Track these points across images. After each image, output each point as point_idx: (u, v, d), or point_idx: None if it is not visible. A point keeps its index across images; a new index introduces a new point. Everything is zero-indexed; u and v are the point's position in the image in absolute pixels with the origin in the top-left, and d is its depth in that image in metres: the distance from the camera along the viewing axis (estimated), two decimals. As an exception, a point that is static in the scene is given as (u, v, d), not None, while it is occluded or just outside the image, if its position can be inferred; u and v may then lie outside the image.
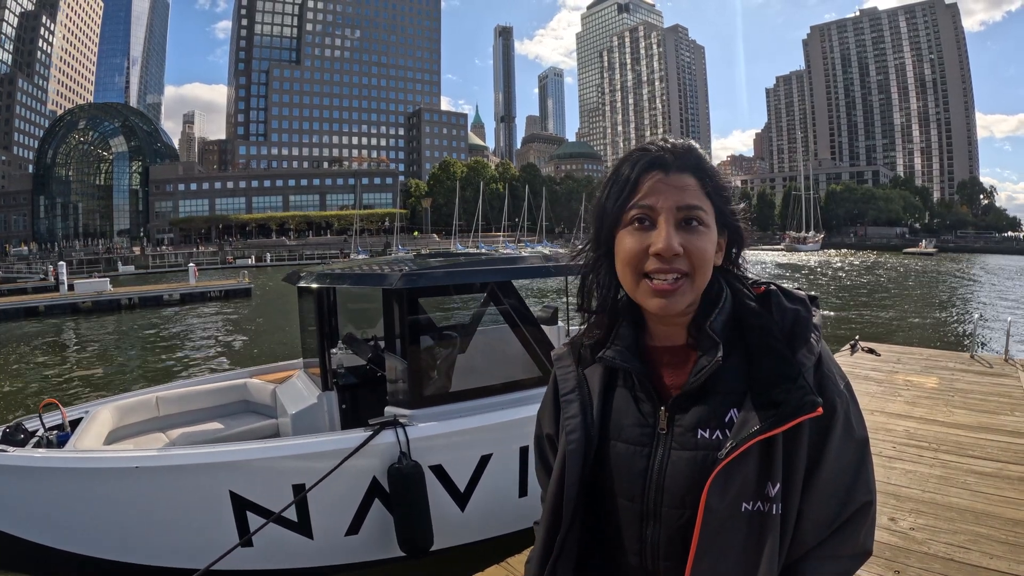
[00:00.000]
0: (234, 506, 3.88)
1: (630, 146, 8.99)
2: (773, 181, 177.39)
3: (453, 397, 4.57)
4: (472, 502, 4.39)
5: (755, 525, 0.99)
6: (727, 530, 0.98)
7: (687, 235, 1.02)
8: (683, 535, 1.02)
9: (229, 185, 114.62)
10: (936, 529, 3.84)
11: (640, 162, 1.07)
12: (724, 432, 1.02)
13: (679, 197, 1.03)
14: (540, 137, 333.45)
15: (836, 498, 1.05)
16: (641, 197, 1.04)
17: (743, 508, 0.98)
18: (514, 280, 4.86)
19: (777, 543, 0.99)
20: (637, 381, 1.11)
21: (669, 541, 1.04)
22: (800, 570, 1.04)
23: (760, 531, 0.99)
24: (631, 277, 1.05)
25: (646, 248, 1.02)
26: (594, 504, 1.14)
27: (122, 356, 17.13)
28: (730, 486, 0.98)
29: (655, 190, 1.04)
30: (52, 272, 37.44)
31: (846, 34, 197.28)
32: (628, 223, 1.06)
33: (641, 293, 1.05)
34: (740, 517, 0.98)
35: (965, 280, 44.08)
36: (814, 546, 1.05)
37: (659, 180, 1.04)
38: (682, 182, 1.04)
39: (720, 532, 0.98)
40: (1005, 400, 6.81)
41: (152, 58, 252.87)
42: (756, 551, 0.99)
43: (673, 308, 1.04)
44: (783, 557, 1.02)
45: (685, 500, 1.02)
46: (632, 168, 1.07)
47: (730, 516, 0.98)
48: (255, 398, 6.03)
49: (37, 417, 4.73)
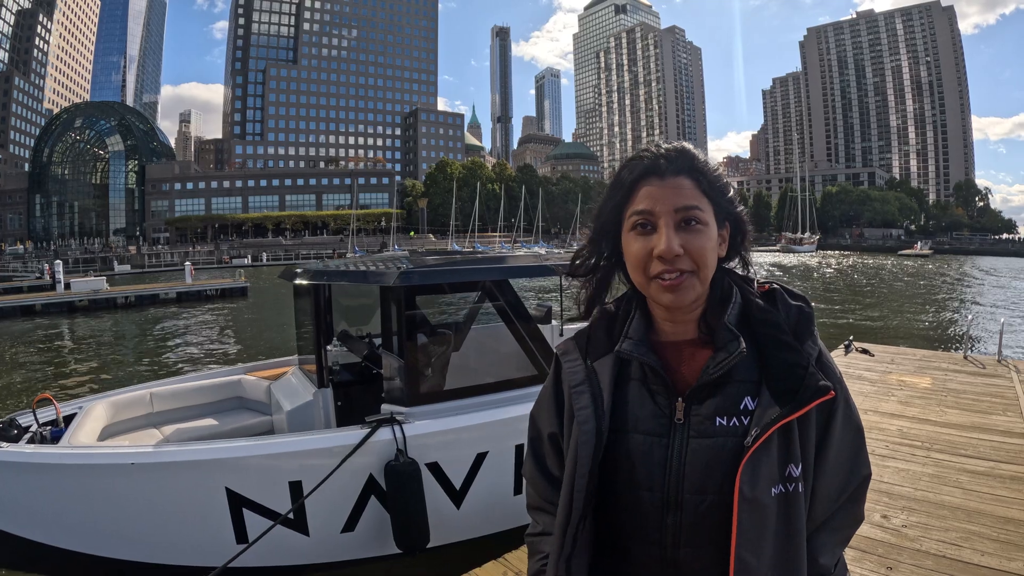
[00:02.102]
0: (230, 503, 3.87)
1: (627, 147, 8.90)
2: (769, 183, 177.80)
3: (450, 395, 4.57)
4: (468, 499, 4.40)
5: (783, 507, 1.05)
6: (762, 516, 1.03)
7: (687, 235, 1.07)
8: (705, 521, 1.07)
9: (225, 184, 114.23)
10: (928, 527, 3.87)
11: (636, 170, 1.12)
12: (740, 419, 1.07)
13: (675, 200, 1.08)
14: (536, 138, 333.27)
15: (842, 475, 1.14)
16: (639, 203, 1.10)
17: (773, 492, 1.04)
18: (511, 279, 4.87)
19: (804, 521, 1.07)
20: (652, 373, 1.14)
21: (691, 527, 1.08)
22: (810, 543, 1.11)
23: (788, 512, 1.05)
24: (641, 278, 1.11)
25: (650, 251, 1.08)
26: (609, 498, 1.16)
27: (118, 354, 17.11)
28: (759, 472, 1.03)
29: (651, 196, 1.09)
30: (48, 271, 37.33)
31: (843, 36, 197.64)
32: (630, 228, 1.12)
33: (652, 291, 1.11)
34: (772, 502, 1.03)
35: (959, 282, 44.24)
36: (823, 520, 1.15)
37: (655, 185, 1.10)
38: (677, 184, 1.09)
39: (757, 518, 1.03)
40: (998, 400, 6.85)
41: (149, 57, 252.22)
42: (789, 531, 1.05)
43: (682, 301, 1.09)
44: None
45: (706, 486, 1.06)
46: (630, 174, 1.13)
47: (763, 502, 1.03)
48: (249, 395, 6.01)
49: (31, 412, 4.70)
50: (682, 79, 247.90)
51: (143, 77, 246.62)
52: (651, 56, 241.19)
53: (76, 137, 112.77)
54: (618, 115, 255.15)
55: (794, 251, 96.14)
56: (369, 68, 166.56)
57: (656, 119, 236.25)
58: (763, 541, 1.03)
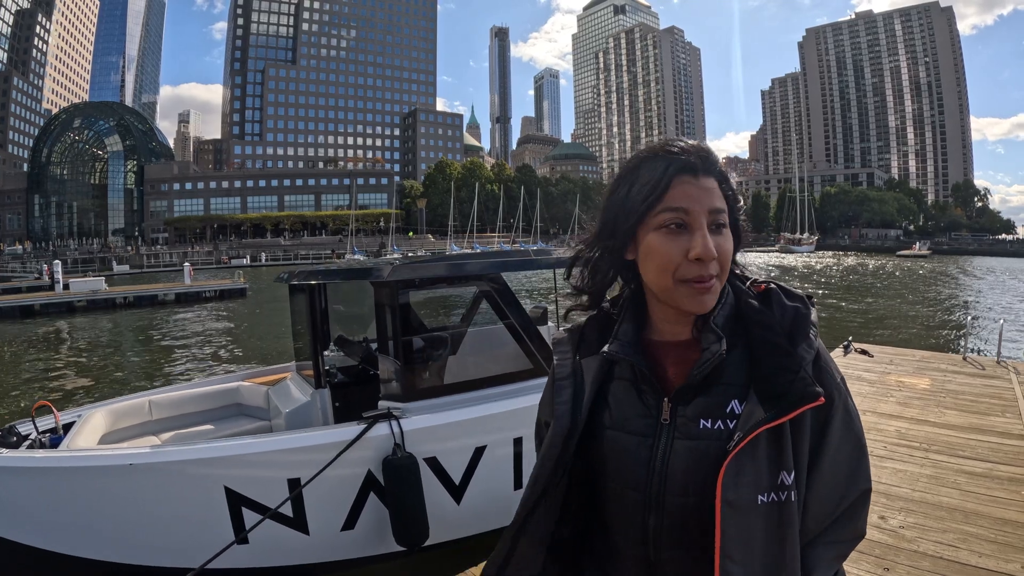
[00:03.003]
0: (229, 502, 3.86)
1: (626, 147, 8.88)
2: (768, 183, 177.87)
3: (446, 389, 4.57)
4: (467, 495, 4.39)
5: (774, 516, 1.01)
6: (748, 523, 1.00)
7: (716, 237, 1.05)
8: (687, 524, 1.05)
9: (224, 185, 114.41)
10: (926, 528, 3.87)
11: (672, 165, 1.07)
12: (726, 422, 1.04)
13: (710, 201, 1.05)
14: (535, 138, 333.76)
15: (838, 487, 1.08)
16: (674, 200, 1.05)
17: (759, 500, 1.00)
18: (504, 272, 4.84)
19: (797, 531, 1.03)
20: (639, 374, 1.12)
21: (673, 530, 1.06)
22: (804, 556, 1.07)
23: (780, 521, 1.01)
24: (669, 281, 1.06)
25: (684, 252, 1.03)
26: (600, 495, 1.16)
27: (117, 355, 17.11)
28: (742, 477, 0.99)
29: (688, 193, 1.05)
30: (47, 271, 37.40)
31: (841, 37, 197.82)
32: (659, 226, 1.06)
33: (680, 294, 1.06)
34: (758, 510, 1.00)
35: (958, 282, 44.28)
36: (817, 533, 1.09)
37: (690, 183, 1.05)
38: (710, 185, 1.07)
39: (742, 525, 1.00)
40: (996, 401, 6.84)
41: (148, 57, 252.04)
42: (781, 541, 1.01)
43: (707, 306, 1.06)
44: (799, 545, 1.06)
45: (688, 488, 1.04)
46: (665, 169, 1.07)
47: (749, 509, 0.99)
48: (248, 401, 5.99)
49: (30, 420, 4.69)
50: (681, 79, 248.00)
51: (142, 77, 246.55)
52: (650, 57, 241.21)
53: (75, 137, 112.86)
54: (617, 116, 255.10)
55: (793, 251, 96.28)
56: (368, 68, 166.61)
57: (655, 119, 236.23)
58: (750, 549, 1.00)
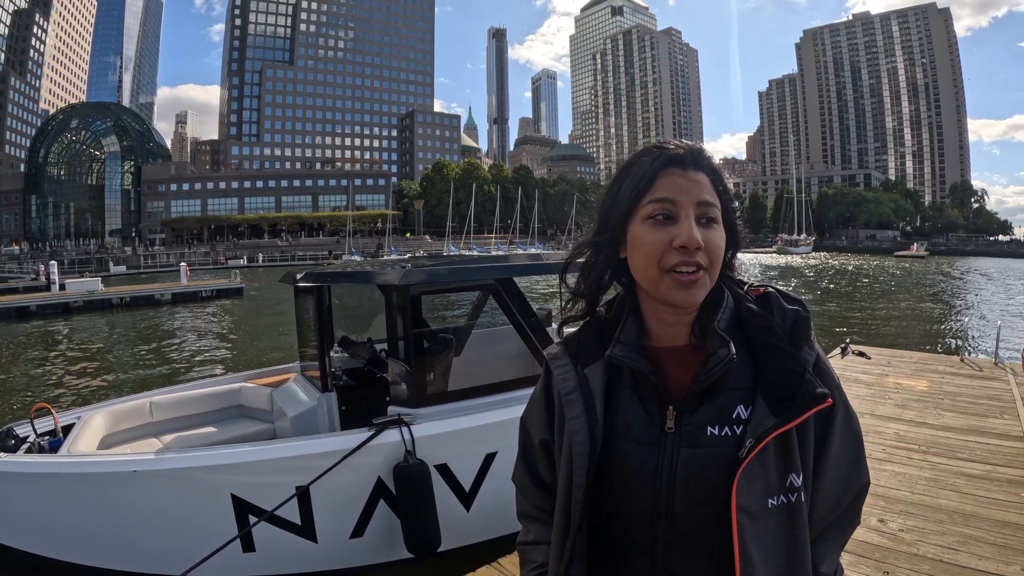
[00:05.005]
0: (236, 509, 3.82)
1: (623, 148, 8.89)
2: (765, 184, 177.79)
3: (457, 395, 4.55)
4: (477, 502, 4.37)
5: (785, 518, 1.02)
6: (763, 527, 1.01)
7: (705, 230, 1.04)
8: (699, 532, 1.05)
9: (221, 185, 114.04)
10: (925, 531, 3.89)
11: (659, 158, 1.08)
12: (733, 428, 1.04)
13: (698, 193, 1.06)
14: (533, 139, 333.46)
15: (841, 484, 1.11)
16: (661, 191, 1.06)
17: (770, 504, 1.01)
18: (516, 277, 4.82)
19: (807, 530, 1.05)
20: (643, 381, 1.11)
21: (684, 538, 1.06)
22: (812, 552, 1.08)
23: (791, 522, 1.03)
24: (654, 271, 1.06)
25: (669, 241, 1.03)
26: (602, 506, 1.14)
27: (114, 356, 17.05)
28: (754, 482, 1.00)
29: (675, 184, 1.06)
30: (43, 272, 37.22)
31: (839, 38, 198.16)
32: (646, 217, 1.07)
33: (665, 287, 1.05)
34: (770, 513, 1.01)
35: (956, 283, 44.35)
36: (822, 529, 1.11)
37: (678, 176, 1.06)
38: (699, 179, 1.07)
39: (759, 530, 1.00)
40: (994, 403, 6.86)
41: (145, 58, 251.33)
42: (794, 541, 1.03)
43: (695, 299, 1.05)
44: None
45: (699, 497, 1.04)
46: (652, 163, 1.08)
47: (761, 514, 1.00)
48: (250, 403, 5.93)
49: (28, 422, 4.61)
50: (678, 81, 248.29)
51: (139, 78, 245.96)
52: (647, 58, 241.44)
53: (72, 138, 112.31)
54: (614, 117, 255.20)
55: (790, 252, 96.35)
56: (366, 69, 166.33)
57: (653, 121, 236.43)
58: (767, 552, 1.01)
